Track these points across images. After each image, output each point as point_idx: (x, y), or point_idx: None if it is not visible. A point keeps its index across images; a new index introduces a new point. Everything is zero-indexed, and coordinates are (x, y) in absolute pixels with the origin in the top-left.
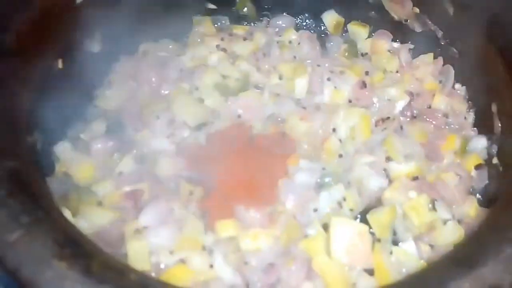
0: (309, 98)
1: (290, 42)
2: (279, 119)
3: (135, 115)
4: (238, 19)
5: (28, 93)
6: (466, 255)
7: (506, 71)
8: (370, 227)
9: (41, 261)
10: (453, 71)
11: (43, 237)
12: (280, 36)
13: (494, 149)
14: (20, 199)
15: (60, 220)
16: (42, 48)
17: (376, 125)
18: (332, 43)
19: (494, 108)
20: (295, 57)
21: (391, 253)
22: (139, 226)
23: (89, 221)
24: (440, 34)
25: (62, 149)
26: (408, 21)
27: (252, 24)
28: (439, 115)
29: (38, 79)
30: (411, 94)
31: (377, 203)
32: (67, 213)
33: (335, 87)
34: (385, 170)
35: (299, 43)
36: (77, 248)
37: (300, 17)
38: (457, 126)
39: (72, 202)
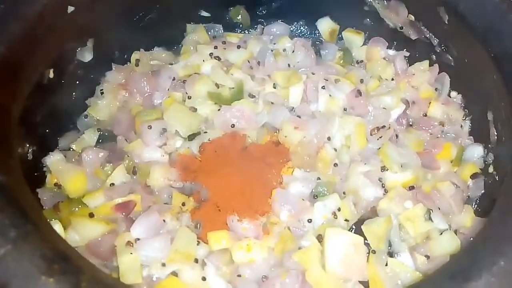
0: (304, 107)
1: (284, 50)
2: (274, 128)
3: (127, 125)
4: (232, 26)
5: (18, 104)
6: (460, 268)
7: (501, 79)
8: (365, 238)
9: (30, 277)
10: (449, 79)
11: (32, 252)
12: (274, 44)
13: (490, 158)
14: (9, 213)
15: (49, 234)
16: (33, 59)
17: (371, 134)
18: (327, 51)
19: (490, 116)
20: (289, 65)
21: (386, 264)
22: (131, 238)
23: (81, 233)
24: (435, 41)
25: (54, 160)
26: (404, 28)
27: (246, 32)
28: (435, 123)
29: (29, 89)
30: (406, 102)
31: (372, 213)
32: (57, 225)
33: (330, 96)
34: (380, 179)
35: (293, 51)
36: (65, 264)
37: (294, 24)
38: (453, 135)
39: (63, 213)
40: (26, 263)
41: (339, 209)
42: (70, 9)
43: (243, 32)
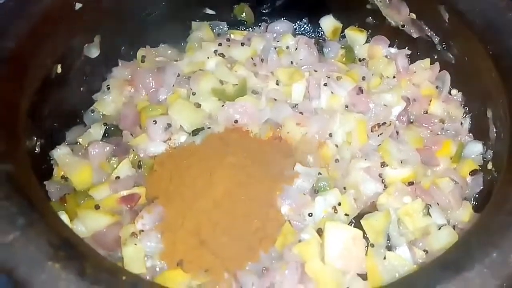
0: (306, 103)
1: (287, 47)
2: (276, 124)
3: (132, 120)
4: (236, 24)
5: (26, 98)
6: (453, 259)
7: (499, 77)
8: (364, 232)
9: (36, 262)
10: (449, 77)
11: (38, 239)
12: (278, 41)
13: (489, 155)
14: (17, 202)
15: (55, 222)
16: (41, 54)
17: (372, 131)
18: (329, 48)
19: (489, 113)
20: (292, 62)
21: (384, 258)
22: (135, 230)
23: (86, 224)
24: (436, 39)
25: (60, 154)
26: (405, 26)
27: (250, 29)
28: (436, 120)
29: (37, 84)
30: (407, 99)
31: (372, 208)
32: (64, 217)
33: (332, 93)
34: (380, 175)
35: (296, 49)
36: (71, 250)
37: (298, 22)
38: (453, 132)
39: (70, 205)
40: (33, 249)
41: (339, 204)
42: (78, 6)
43: (247, 29)
